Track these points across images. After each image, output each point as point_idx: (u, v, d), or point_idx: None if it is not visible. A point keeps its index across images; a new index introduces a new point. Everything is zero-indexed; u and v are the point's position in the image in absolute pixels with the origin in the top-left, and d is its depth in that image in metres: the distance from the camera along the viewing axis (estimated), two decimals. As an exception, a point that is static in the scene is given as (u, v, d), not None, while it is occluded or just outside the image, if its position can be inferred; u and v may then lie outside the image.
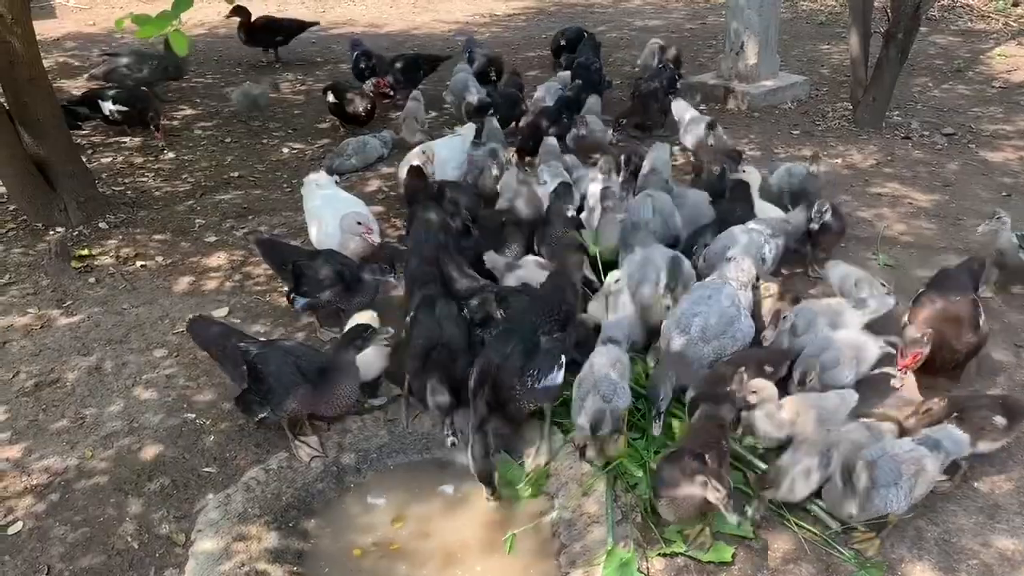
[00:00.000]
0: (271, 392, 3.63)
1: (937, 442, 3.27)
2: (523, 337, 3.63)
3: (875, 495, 3.12)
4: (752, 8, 7.96)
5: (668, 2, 13.32)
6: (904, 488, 3.13)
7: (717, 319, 3.94)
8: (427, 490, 3.69)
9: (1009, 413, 3.52)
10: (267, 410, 3.66)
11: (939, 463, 3.24)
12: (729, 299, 4.02)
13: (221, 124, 8.17)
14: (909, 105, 8.17)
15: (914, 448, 3.23)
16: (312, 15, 12.90)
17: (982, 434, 3.49)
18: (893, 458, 3.18)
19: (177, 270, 5.42)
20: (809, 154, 5.71)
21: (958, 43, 10.43)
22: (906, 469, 3.15)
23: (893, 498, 3.13)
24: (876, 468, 3.15)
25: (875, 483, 3.12)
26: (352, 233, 4.84)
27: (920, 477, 3.17)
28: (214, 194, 6.54)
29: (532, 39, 10.97)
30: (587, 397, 3.56)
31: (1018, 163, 6.80)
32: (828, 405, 3.62)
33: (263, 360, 3.69)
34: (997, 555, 3.20)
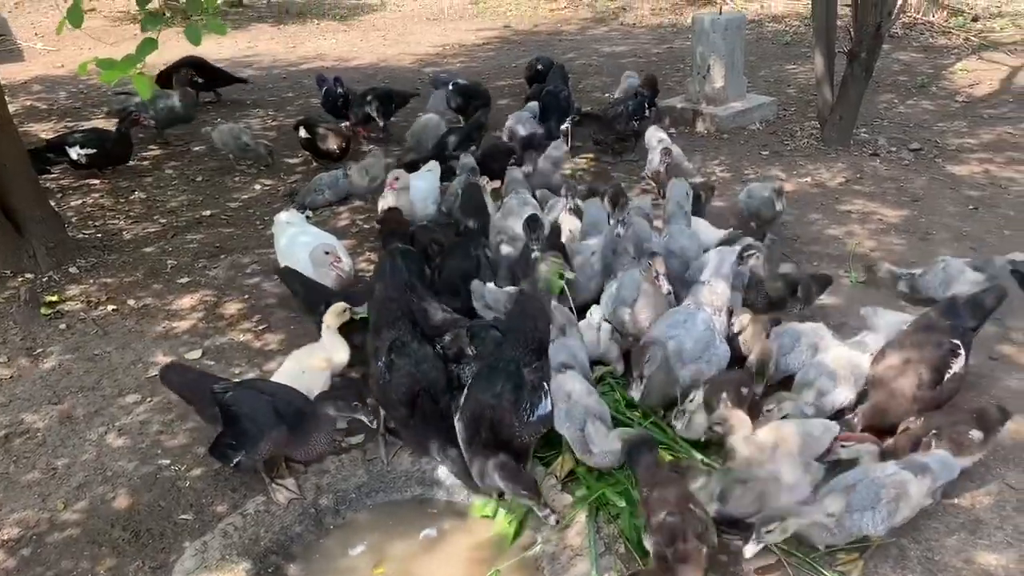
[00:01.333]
0: (245, 434, 3.57)
1: (924, 466, 3.26)
2: (509, 374, 3.60)
3: (849, 519, 3.10)
4: (717, 32, 8.06)
5: (634, 28, 13.46)
6: (882, 512, 3.12)
7: (693, 344, 3.95)
8: (409, 529, 3.64)
9: (984, 425, 3.53)
10: (241, 454, 3.58)
11: (926, 487, 3.22)
12: (704, 323, 4.03)
13: (191, 162, 8.14)
14: (876, 122, 8.28)
15: (896, 472, 3.22)
16: (283, 50, 12.96)
17: (961, 450, 3.50)
18: (874, 482, 3.17)
19: (149, 313, 5.36)
20: (775, 186, 5.69)
21: (921, 59, 10.60)
22: (886, 493, 3.14)
23: (869, 521, 3.11)
24: (854, 492, 3.14)
25: (850, 507, 3.11)
26: (320, 265, 4.82)
27: (902, 501, 3.16)
28: (185, 234, 6.49)
29: (502, 68, 11.04)
30: (586, 425, 3.55)
31: (984, 176, 6.90)
32: (813, 432, 3.62)
33: (236, 402, 3.63)
34: (980, 571, 3.20)
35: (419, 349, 3.79)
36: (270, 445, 3.57)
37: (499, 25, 14.09)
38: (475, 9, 15.58)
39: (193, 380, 3.90)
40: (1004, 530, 3.38)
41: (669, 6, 14.69)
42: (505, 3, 15.84)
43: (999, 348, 4.54)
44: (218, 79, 9.96)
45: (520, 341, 3.70)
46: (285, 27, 14.72)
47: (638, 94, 7.56)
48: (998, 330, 4.66)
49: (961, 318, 3.99)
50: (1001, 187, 6.67)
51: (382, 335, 3.85)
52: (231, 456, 3.62)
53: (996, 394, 4.16)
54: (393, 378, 3.72)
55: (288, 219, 5.44)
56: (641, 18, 14.09)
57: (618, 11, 14.59)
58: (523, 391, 3.56)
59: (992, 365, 4.40)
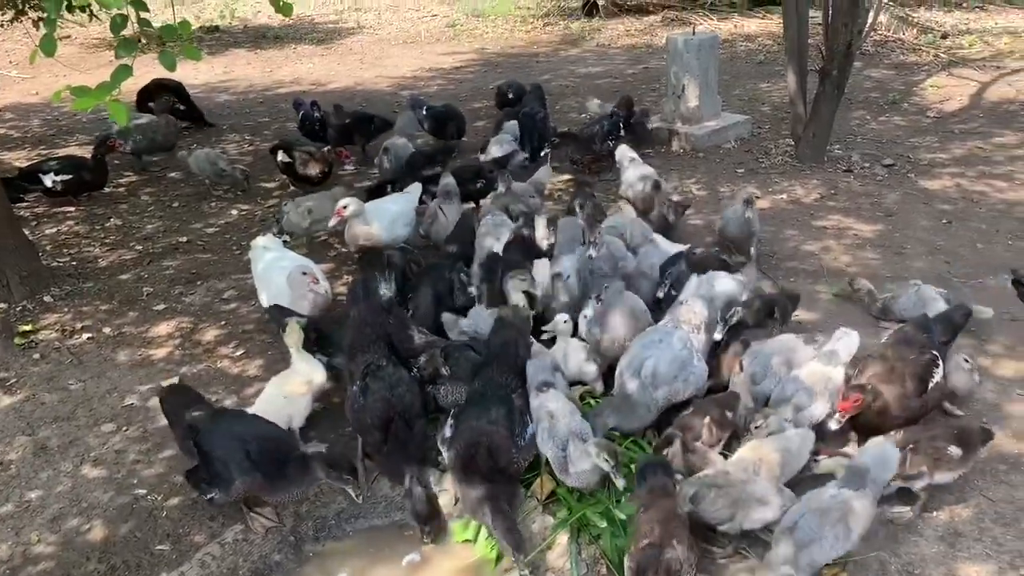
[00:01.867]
0: (218, 475, 3.48)
1: (862, 475, 3.23)
2: (501, 399, 3.62)
3: (804, 555, 3.08)
4: (691, 52, 8.14)
5: (608, 49, 13.57)
6: (832, 535, 3.09)
7: (668, 365, 3.94)
8: (390, 555, 3.60)
9: (963, 443, 3.55)
10: (215, 492, 3.50)
11: (870, 497, 3.20)
12: (681, 342, 4.02)
13: (167, 188, 8.10)
14: (849, 138, 8.38)
15: (836, 494, 3.20)
16: (259, 74, 12.96)
17: (939, 465, 3.51)
18: (815, 511, 3.15)
19: (125, 341, 5.31)
20: (745, 195, 5.63)
21: (892, 76, 10.75)
22: (830, 518, 3.12)
23: (829, 548, 3.08)
24: (796, 530, 3.12)
25: (800, 544, 3.08)
26: (298, 287, 4.79)
27: (851, 519, 3.14)
28: (161, 260, 6.45)
29: (478, 90, 11.09)
30: (568, 445, 3.54)
31: (956, 190, 6.98)
32: (792, 447, 3.63)
33: (208, 441, 3.54)
34: (960, 584, 3.22)
35: (394, 373, 3.78)
36: (243, 490, 3.49)
37: (475, 48, 14.17)
38: (451, 32, 15.67)
39: (179, 404, 3.82)
40: (983, 542, 3.40)
41: (643, 27, 14.84)
42: (481, 26, 15.94)
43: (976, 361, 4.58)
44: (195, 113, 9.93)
45: (503, 366, 3.70)
46: (262, 52, 14.73)
47: (613, 114, 7.61)
48: (974, 342, 4.70)
49: (934, 332, 4.04)
50: (973, 201, 6.76)
51: (357, 359, 3.83)
52: (205, 491, 3.55)
53: (972, 407, 4.20)
54: (367, 402, 3.70)
55: (265, 244, 5.41)
56: (615, 39, 14.21)
57: (593, 33, 14.72)
58: (515, 415, 3.59)
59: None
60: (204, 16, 18.00)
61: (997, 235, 6.12)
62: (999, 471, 3.78)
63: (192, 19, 17.35)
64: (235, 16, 17.89)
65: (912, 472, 3.51)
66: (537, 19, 16.08)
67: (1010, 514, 3.53)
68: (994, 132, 8.35)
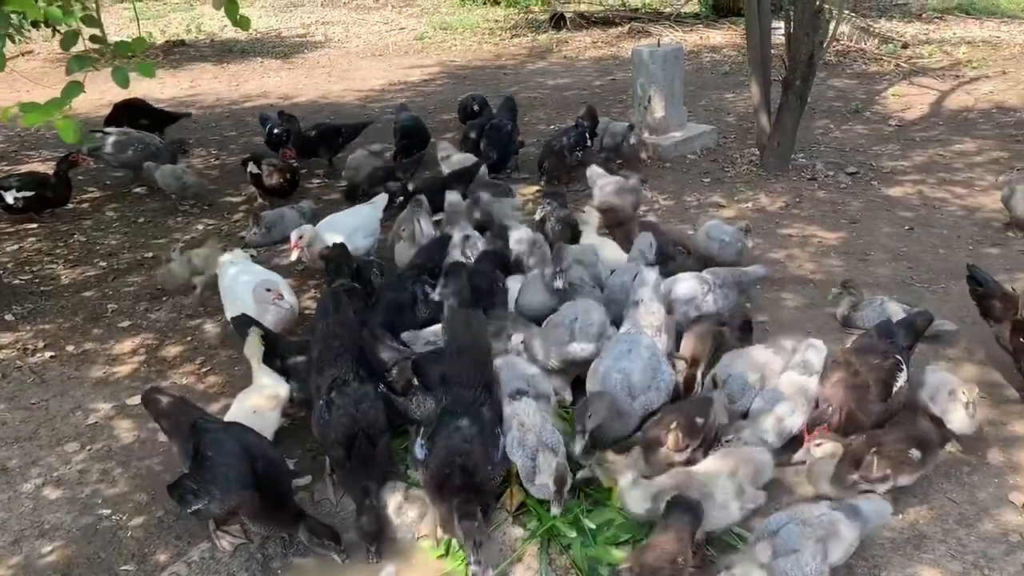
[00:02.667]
0: (213, 484, 3.40)
1: (856, 509, 3.26)
2: (473, 416, 3.58)
3: (780, 563, 3.09)
4: (656, 63, 8.22)
5: (575, 61, 13.66)
6: (809, 553, 3.09)
7: (641, 374, 3.95)
8: (358, 572, 3.56)
9: (923, 445, 3.60)
10: (203, 503, 3.42)
11: (857, 531, 3.21)
12: (648, 349, 4.04)
13: (132, 204, 8.01)
14: (813, 147, 8.49)
15: (826, 512, 3.22)
16: (226, 88, 12.89)
17: (901, 468, 3.56)
18: (802, 522, 3.17)
19: (89, 359, 5.23)
20: (742, 225, 5.66)
21: (854, 85, 10.92)
22: (812, 533, 3.13)
23: (804, 564, 3.08)
24: (778, 537, 3.13)
25: (778, 551, 3.09)
26: (263, 302, 4.75)
27: (833, 542, 3.14)
28: (126, 276, 6.37)
29: (447, 103, 11.10)
30: (537, 456, 3.54)
31: (917, 197, 7.10)
32: (764, 459, 3.66)
33: (214, 446, 3.48)
34: (926, 586, 3.25)
35: (359, 388, 3.74)
36: (236, 504, 3.41)
37: (443, 61, 14.19)
38: (419, 45, 15.68)
39: (177, 408, 3.76)
40: (947, 543, 3.44)
41: (609, 39, 14.95)
42: (449, 39, 15.97)
43: (935, 365, 4.64)
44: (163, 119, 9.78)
45: (468, 380, 3.68)
46: (228, 66, 14.65)
47: (578, 125, 7.66)
48: (935, 347, 4.77)
49: (897, 338, 4.09)
50: (934, 207, 6.87)
51: (324, 373, 3.80)
52: (191, 502, 3.45)
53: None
54: (332, 417, 3.67)
55: (230, 259, 5.37)
56: (582, 51, 14.31)
57: (560, 45, 14.80)
58: (487, 431, 3.56)
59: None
60: (170, 31, 17.88)
61: (958, 241, 6.22)
62: (962, 473, 3.83)
63: (157, 33, 17.28)
64: (201, 30, 17.78)
65: (878, 475, 3.55)
66: (505, 31, 16.15)
67: (973, 515, 3.58)
68: (954, 139, 8.51)
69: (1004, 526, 3.53)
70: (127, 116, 9.17)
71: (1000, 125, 8.88)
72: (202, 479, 3.45)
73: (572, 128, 7.69)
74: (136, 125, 8.91)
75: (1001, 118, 9.11)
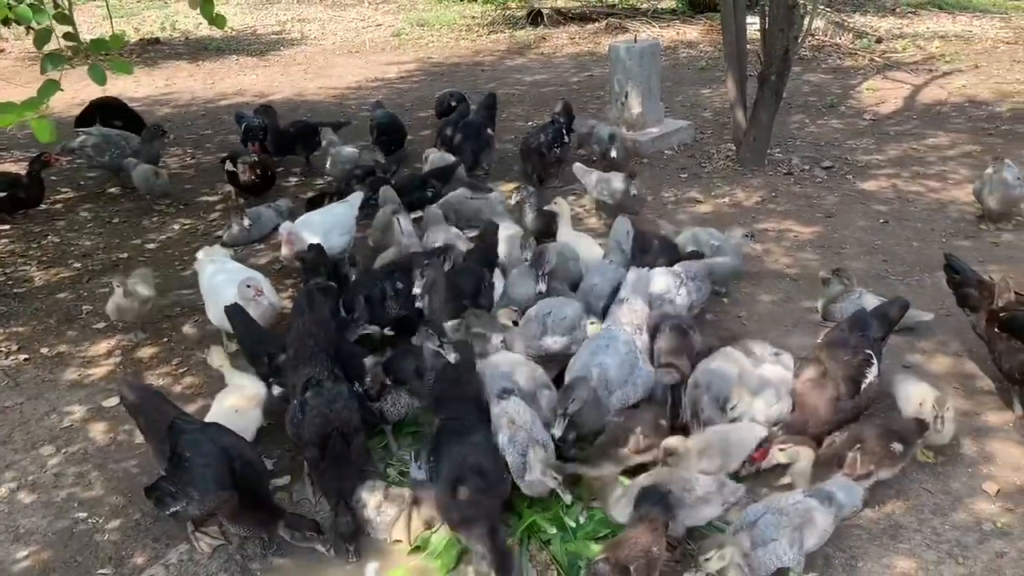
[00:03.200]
0: (191, 485, 3.37)
1: (830, 495, 3.30)
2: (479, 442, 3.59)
3: (757, 554, 3.12)
4: (633, 59, 8.23)
5: (553, 57, 13.66)
6: (786, 540, 3.13)
7: (617, 369, 3.97)
8: (338, 571, 3.55)
9: (903, 438, 3.63)
10: (181, 504, 3.39)
11: (832, 516, 3.24)
12: (627, 346, 4.05)
13: (106, 204, 7.93)
14: (788, 142, 8.54)
15: (801, 500, 3.25)
16: (201, 87, 12.78)
17: (883, 462, 3.59)
18: (777, 512, 3.20)
19: (63, 361, 5.18)
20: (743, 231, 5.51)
21: (830, 80, 11.00)
22: (788, 522, 3.16)
23: (775, 555, 3.12)
24: (756, 528, 3.16)
25: (755, 542, 3.12)
26: (245, 298, 4.71)
27: (808, 529, 3.18)
28: (101, 277, 6.30)
29: (424, 99, 11.07)
30: (528, 452, 3.55)
31: (892, 191, 7.16)
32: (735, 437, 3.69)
33: (192, 446, 3.45)
34: (901, 575, 3.28)
35: (333, 387, 3.72)
36: (215, 505, 3.40)
37: (420, 57, 14.15)
38: (396, 42, 15.62)
39: (153, 405, 3.71)
40: (923, 532, 3.48)
41: (587, 35, 14.97)
42: (426, 36, 15.93)
43: (909, 357, 4.70)
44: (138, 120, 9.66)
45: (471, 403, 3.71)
46: (204, 63, 14.52)
47: (555, 121, 7.68)
48: (909, 339, 4.82)
49: (870, 330, 4.12)
50: (909, 201, 6.93)
51: (299, 371, 3.78)
52: (169, 504, 3.42)
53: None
54: (306, 417, 3.65)
55: (207, 257, 5.32)
56: (560, 47, 14.31)
57: (538, 41, 14.80)
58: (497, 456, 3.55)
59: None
60: (144, 28, 17.70)
61: (932, 233, 6.28)
62: (936, 464, 3.87)
63: (131, 31, 17.08)
64: (176, 28, 17.62)
65: (863, 472, 3.57)
66: (482, 28, 16.12)
67: (947, 505, 3.62)
68: (927, 133, 8.59)
69: (978, 515, 3.57)
70: (101, 115, 9.05)
71: (973, 119, 8.98)
72: (180, 480, 3.42)
73: (549, 125, 7.69)
74: (110, 125, 8.81)
75: (974, 112, 9.21)
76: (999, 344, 4.12)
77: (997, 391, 4.37)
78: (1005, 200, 6.10)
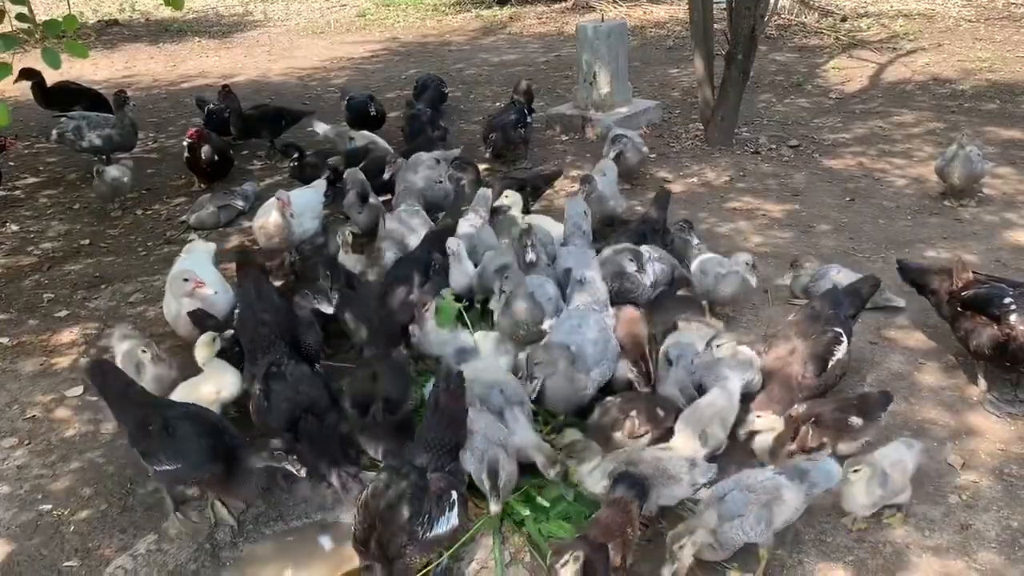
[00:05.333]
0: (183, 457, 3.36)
1: (803, 472, 3.29)
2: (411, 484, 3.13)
3: (725, 530, 3.13)
4: (600, 39, 8.20)
5: (520, 37, 13.58)
6: (753, 518, 3.14)
7: (593, 347, 3.98)
8: (309, 558, 3.53)
9: (865, 411, 3.67)
10: (174, 465, 3.36)
11: (802, 494, 3.24)
12: (597, 324, 4.07)
13: (68, 190, 7.76)
14: (756, 121, 8.57)
15: (770, 477, 3.26)
16: (163, 69, 12.56)
17: (841, 436, 3.62)
18: (746, 488, 3.21)
19: (25, 350, 5.07)
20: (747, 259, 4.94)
21: (796, 59, 11.04)
22: (756, 499, 3.17)
23: (741, 530, 3.13)
24: (723, 503, 3.18)
25: (723, 517, 3.13)
26: (183, 294, 4.56)
27: (777, 506, 3.18)
28: (63, 265, 6.18)
29: (391, 80, 10.97)
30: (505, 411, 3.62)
31: (858, 168, 7.21)
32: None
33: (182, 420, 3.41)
34: (871, 549, 3.33)
35: (295, 370, 3.66)
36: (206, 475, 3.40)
37: (387, 38, 14.00)
38: (361, 22, 15.45)
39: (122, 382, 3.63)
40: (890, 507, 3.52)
41: (554, 14, 14.89)
42: (392, 15, 15.76)
43: (883, 333, 4.75)
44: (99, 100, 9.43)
45: (433, 444, 3.36)
46: (165, 45, 14.26)
47: (516, 102, 7.64)
48: (883, 316, 4.87)
49: (842, 307, 4.15)
50: (875, 179, 6.99)
51: (258, 362, 3.72)
52: (162, 461, 3.38)
53: (879, 376, 4.35)
54: (272, 404, 3.60)
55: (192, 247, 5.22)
56: (527, 27, 14.23)
57: (505, 21, 14.70)
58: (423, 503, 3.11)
59: (874, 349, 4.59)
60: (103, 10, 17.33)
61: (898, 211, 6.34)
62: (903, 437, 3.91)
63: (90, 13, 16.72)
64: (136, 9, 17.28)
65: (813, 444, 3.60)
66: (449, 8, 15.99)
67: (914, 479, 3.66)
68: (892, 111, 8.66)
69: (943, 488, 3.63)
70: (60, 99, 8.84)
71: (937, 97, 9.06)
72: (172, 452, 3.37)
73: (511, 106, 7.63)
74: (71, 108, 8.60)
75: (937, 90, 9.30)
76: (964, 323, 4.17)
77: (960, 366, 4.43)
78: (968, 176, 6.17)
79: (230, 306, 4.75)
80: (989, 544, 3.34)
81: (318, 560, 3.53)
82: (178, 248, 5.90)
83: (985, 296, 4.10)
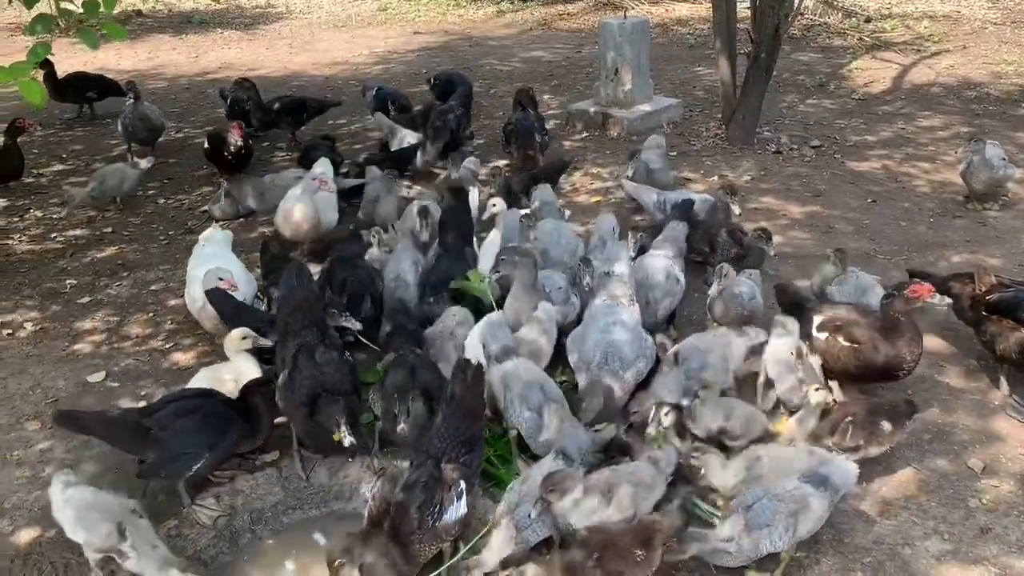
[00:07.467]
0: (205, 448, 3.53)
1: (824, 479, 3.26)
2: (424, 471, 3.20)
3: (750, 537, 3.12)
4: (623, 36, 8.18)
5: (542, 33, 13.56)
6: (781, 526, 3.13)
7: (630, 347, 3.98)
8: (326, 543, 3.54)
9: (893, 417, 3.65)
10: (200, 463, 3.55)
11: (827, 501, 3.23)
12: (631, 320, 4.10)
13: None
14: (778, 120, 8.53)
15: (798, 487, 3.23)
16: (185, 60, 12.62)
17: (872, 439, 3.61)
18: (774, 498, 3.19)
19: (48, 336, 5.12)
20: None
21: (819, 59, 10.98)
22: (784, 508, 3.15)
23: (768, 540, 3.12)
24: (751, 512, 3.16)
25: (750, 526, 3.12)
26: None
27: (803, 515, 3.16)
28: (86, 252, 6.24)
29: (415, 75, 10.97)
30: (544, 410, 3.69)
31: (882, 171, 7.17)
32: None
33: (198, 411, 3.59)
34: (888, 551, 3.31)
35: (325, 353, 3.66)
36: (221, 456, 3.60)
37: (408, 32, 14.01)
38: (383, 16, 15.46)
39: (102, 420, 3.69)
40: (909, 509, 3.52)
41: (576, 11, 14.86)
42: (413, 10, 15.76)
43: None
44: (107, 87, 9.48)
45: (450, 433, 3.32)
46: (188, 37, 14.32)
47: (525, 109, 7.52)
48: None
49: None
50: (898, 181, 6.94)
51: (288, 345, 3.73)
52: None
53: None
54: (295, 383, 3.58)
55: (211, 237, 5.22)
56: (549, 22, 14.20)
57: (526, 16, 14.68)
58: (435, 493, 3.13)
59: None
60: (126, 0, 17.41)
61: (920, 214, 6.31)
62: (923, 441, 3.91)
63: (114, 3, 16.82)
64: (159, 0, 17.36)
65: (851, 444, 3.60)
66: (470, 2, 15.97)
67: (934, 482, 3.66)
68: (917, 114, 8.60)
69: (963, 491, 3.61)
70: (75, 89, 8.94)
71: (963, 100, 8.99)
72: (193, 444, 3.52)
73: (523, 113, 7.49)
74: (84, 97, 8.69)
75: (963, 92, 9.22)
76: (990, 327, 4.15)
77: (982, 369, 4.40)
78: (989, 181, 6.13)
79: (251, 293, 4.80)
80: (1010, 548, 3.32)
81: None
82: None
83: (1012, 300, 4.08)
